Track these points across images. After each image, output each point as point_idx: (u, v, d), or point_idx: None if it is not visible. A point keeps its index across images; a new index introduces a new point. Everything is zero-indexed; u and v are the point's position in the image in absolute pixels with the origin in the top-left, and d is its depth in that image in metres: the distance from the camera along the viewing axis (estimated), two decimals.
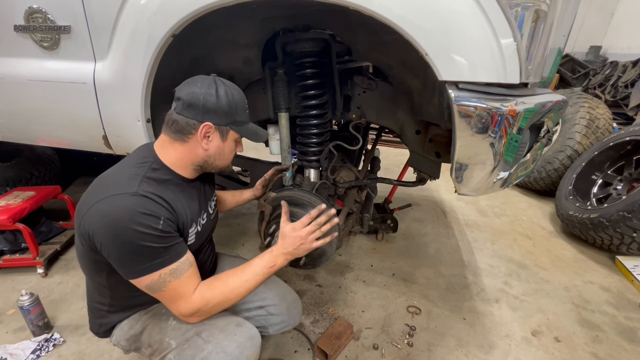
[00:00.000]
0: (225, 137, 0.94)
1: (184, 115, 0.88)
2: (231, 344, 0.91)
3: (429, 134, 1.41)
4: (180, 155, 0.93)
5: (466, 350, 1.49)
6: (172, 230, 0.85)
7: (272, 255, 0.99)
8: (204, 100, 0.87)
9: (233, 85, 0.94)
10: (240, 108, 0.94)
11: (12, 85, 1.38)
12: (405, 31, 0.86)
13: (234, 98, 0.91)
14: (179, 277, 0.85)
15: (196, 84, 0.88)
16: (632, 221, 1.95)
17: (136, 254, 0.80)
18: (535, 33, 0.84)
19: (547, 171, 2.94)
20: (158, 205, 0.83)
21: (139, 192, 0.82)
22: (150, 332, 0.98)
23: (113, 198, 0.80)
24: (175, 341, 0.94)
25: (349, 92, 1.51)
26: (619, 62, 5.43)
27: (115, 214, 0.78)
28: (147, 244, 0.79)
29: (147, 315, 1.02)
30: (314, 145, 1.48)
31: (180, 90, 0.89)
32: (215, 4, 0.97)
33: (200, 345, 0.91)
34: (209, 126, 0.89)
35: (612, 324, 1.67)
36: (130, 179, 0.85)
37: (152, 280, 0.83)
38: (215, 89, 0.88)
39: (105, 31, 1.17)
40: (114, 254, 0.81)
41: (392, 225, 2.34)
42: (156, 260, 0.82)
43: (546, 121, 1.04)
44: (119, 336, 1.03)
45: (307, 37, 1.30)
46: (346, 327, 1.49)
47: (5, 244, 1.90)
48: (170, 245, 0.84)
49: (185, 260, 0.88)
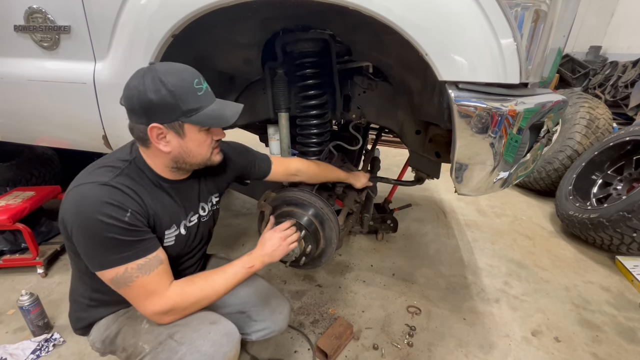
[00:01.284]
0: (183, 132, 0.83)
1: (132, 121, 0.82)
2: (205, 342, 0.87)
3: (429, 134, 1.41)
4: (152, 159, 0.89)
5: (466, 350, 1.49)
6: (140, 225, 0.82)
7: (251, 258, 1.01)
8: (139, 100, 0.77)
9: (171, 68, 0.80)
10: (186, 93, 0.79)
11: (12, 85, 1.38)
12: (405, 31, 0.86)
13: (173, 85, 0.77)
14: (147, 274, 0.82)
15: (129, 84, 0.79)
16: (632, 221, 1.94)
17: (101, 245, 0.77)
18: (535, 33, 0.84)
19: (547, 171, 2.94)
20: (126, 196, 0.80)
21: (110, 182, 0.79)
22: (125, 336, 0.95)
23: (84, 186, 0.78)
24: (148, 345, 0.89)
25: (349, 92, 1.52)
26: (619, 62, 5.43)
27: (82, 202, 0.77)
28: (111, 236, 0.76)
29: (124, 317, 0.98)
30: (314, 145, 1.48)
31: (122, 95, 0.81)
32: (215, 4, 0.97)
33: (174, 347, 0.86)
34: (157, 127, 0.79)
35: (612, 324, 1.67)
36: (107, 170, 0.83)
37: (117, 274, 0.80)
38: (149, 82, 0.76)
39: (105, 31, 1.17)
40: (81, 244, 0.80)
41: (392, 225, 2.34)
42: (122, 254, 0.79)
43: (546, 121, 1.04)
44: (95, 337, 0.99)
45: (307, 37, 1.30)
46: (346, 327, 1.49)
47: (5, 244, 1.90)
48: (138, 240, 0.81)
49: (155, 257, 0.84)
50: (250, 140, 1.51)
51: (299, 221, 1.24)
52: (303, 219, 1.26)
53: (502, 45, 0.83)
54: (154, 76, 0.77)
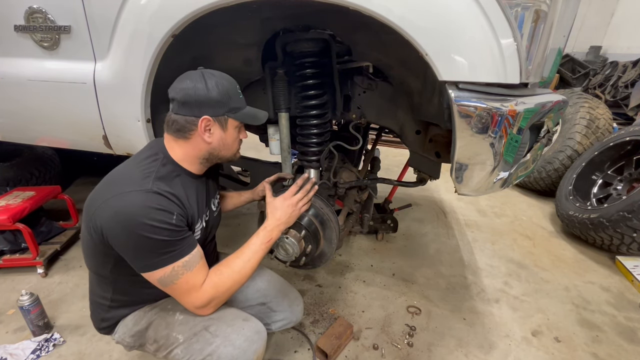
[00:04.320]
0: (226, 127, 0.96)
1: (181, 113, 0.91)
2: (239, 337, 0.93)
3: (429, 134, 1.41)
4: (186, 152, 0.96)
5: (466, 351, 1.49)
6: (183, 225, 0.88)
7: (267, 231, 1.03)
8: (196, 95, 0.88)
9: (221, 74, 0.95)
10: (233, 94, 0.95)
11: (12, 85, 1.38)
12: (405, 31, 0.86)
13: (224, 86, 0.92)
14: (191, 270, 0.87)
15: (185, 81, 0.90)
16: (632, 221, 1.94)
17: (150, 248, 0.82)
18: (535, 33, 0.84)
19: (547, 171, 2.94)
20: (170, 201, 0.86)
21: (152, 189, 0.85)
22: (157, 328, 0.99)
23: (127, 195, 0.83)
24: (182, 335, 0.95)
25: (349, 92, 1.51)
26: (619, 62, 5.44)
27: (130, 210, 0.81)
28: (161, 238, 0.82)
29: (153, 312, 1.02)
30: (314, 145, 1.47)
31: (172, 89, 0.91)
32: (216, 4, 0.97)
33: (208, 339, 0.92)
34: (207, 119, 0.91)
35: (612, 324, 1.67)
36: (143, 176, 0.87)
37: (164, 274, 0.85)
38: (204, 82, 0.89)
39: (106, 31, 1.17)
40: (129, 249, 0.84)
41: (392, 225, 2.34)
42: (170, 254, 0.84)
43: (546, 121, 1.04)
44: (123, 333, 1.03)
45: (307, 37, 1.30)
46: (346, 327, 1.49)
47: (5, 244, 1.90)
48: (182, 238, 0.87)
49: (197, 252, 0.90)
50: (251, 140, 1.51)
51: (299, 221, 1.24)
52: (303, 219, 1.26)
53: (502, 45, 0.83)
54: (209, 78, 0.90)
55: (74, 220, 2.28)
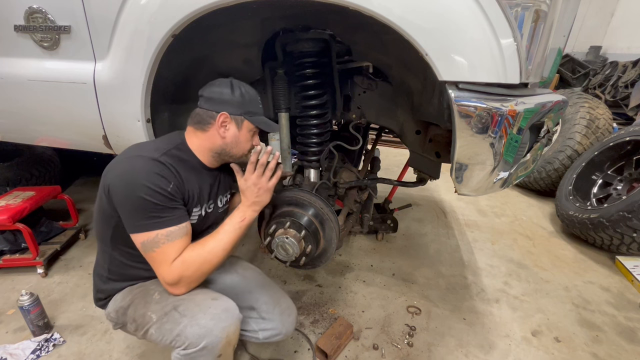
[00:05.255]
0: (241, 126, 1.05)
1: (204, 108, 1.03)
2: (205, 316, 0.93)
3: (429, 134, 1.41)
4: (201, 142, 1.05)
5: (466, 350, 1.49)
6: (178, 197, 0.96)
7: (240, 211, 1.06)
8: (221, 94, 1.01)
9: (247, 85, 1.08)
10: (254, 102, 1.07)
11: (12, 85, 1.38)
12: (405, 31, 0.86)
13: (247, 93, 1.05)
14: (172, 241, 0.92)
15: (215, 83, 1.04)
16: (632, 221, 1.95)
17: (143, 208, 0.89)
18: (535, 33, 0.84)
19: (547, 171, 2.94)
20: (171, 172, 0.94)
21: (158, 159, 0.94)
22: (136, 306, 1.01)
23: (136, 159, 0.93)
24: (155, 315, 0.97)
25: (349, 92, 1.51)
26: (619, 62, 5.43)
27: (134, 171, 0.90)
28: (154, 201, 0.89)
29: (138, 290, 1.05)
30: (314, 145, 1.47)
31: (203, 89, 1.05)
32: (215, 4, 0.97)
33: (177, 318, 0.94)
34: (225, 115, 1.01)
35: (612, 324, 1.68)
36: (155, 149, 0.97)
37: (148, 238, 0.91)
38: (231, 87, 1.03)
39: (105, 31, 1.17)
40: (126, 207, 0.90)
41: (392, 226, 2.34)
42: (158, 220, 0.90)
43: (546, 121, 1.04)
44: (111, 307, 1.07)
45: (307, 37, 1.30)
46: (346, 327, 1.49)
47: (5, 244, 1.90)
48: (174, 208, 0.94)
49: (183, 227, 0.95)
50: None
51: (299, 221, 1.24)
52: (303, 219, 1.26)
53: (502, 45, 0.83)
54: (237, 85, 1.04)
55: (74, 220, 2.28)
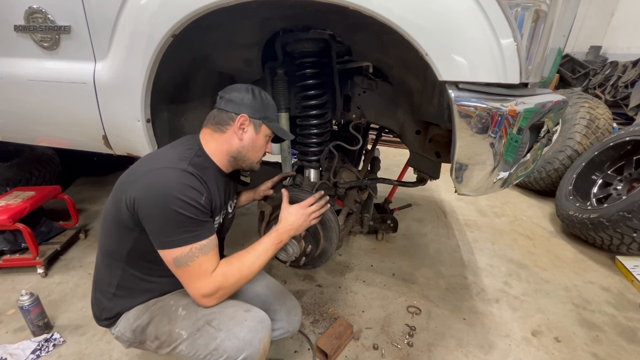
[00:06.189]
0: (258, 130, 1.06)
1: (224, 109, 1.02)
2: (243, 329, 0.93)
3: (429, 134, 1.41)
4: (218, 145, 1.04)
5: (466, 350, 1.49)
6: (209, 209, 0.94)
7: (279, 233, 1.06)
8: (242, 97, 1.02)
9: (268, 94, 1.10)
10: (272, 108, 1.09)
11: (12, 85, 1.38)
12: (405, 31, 0.86)
13: (267, 98, 1.07)
14: (206, 254, 0.90)
15: (236, 86, 1.05)
16: (632, 221, 1.95)
17: (177, 223, 0.86)
18: (535, 33, 0.84)
19: (547, 171, 2.94)
20: (202, 184, 0.93)
21: (187, 169, 0.91)
22: (158, 324, 0.98)
23: (164, 170, 0.89)
24: (186, 331, 0.95)
25: (349, 92, 1.51)
26: (619, 62, 5.43)
27: (164, 183, 0.86)
28: (189, 215, 0.86)
29: (156, 307, 1.02)
30: (314, 145, 1.47)
31: (224, 91, 1.05)
32: (215, 4, 0.97)
33: (212, 333, 0.93)
34: (245, 117, 1.02)
35: (612, 324, 1.68)
36: (179, 158, 0.95)
37: (182, 253, 0.87)
38: (252, 90, 1.04)
39: (105, 31, 1.17)
40: (155, 221, 0.87)
41: (392, 226, 2.34)
42: (191, 234, 0.88)
43: (546, 121, 1.04)
44: (124, 327, 1.02)
45: (307, 37, 1.30)
46: (346, 327, 1.49)
47: (5, 244, 1.90)
48: (206, 221, 0.92)
49: (214, 239, 0.94)
50: None
51: None
52: None
53: (502, 45, 0.83)
54: (258, 91, 1.06)
55: (74, 220, 2.28)
